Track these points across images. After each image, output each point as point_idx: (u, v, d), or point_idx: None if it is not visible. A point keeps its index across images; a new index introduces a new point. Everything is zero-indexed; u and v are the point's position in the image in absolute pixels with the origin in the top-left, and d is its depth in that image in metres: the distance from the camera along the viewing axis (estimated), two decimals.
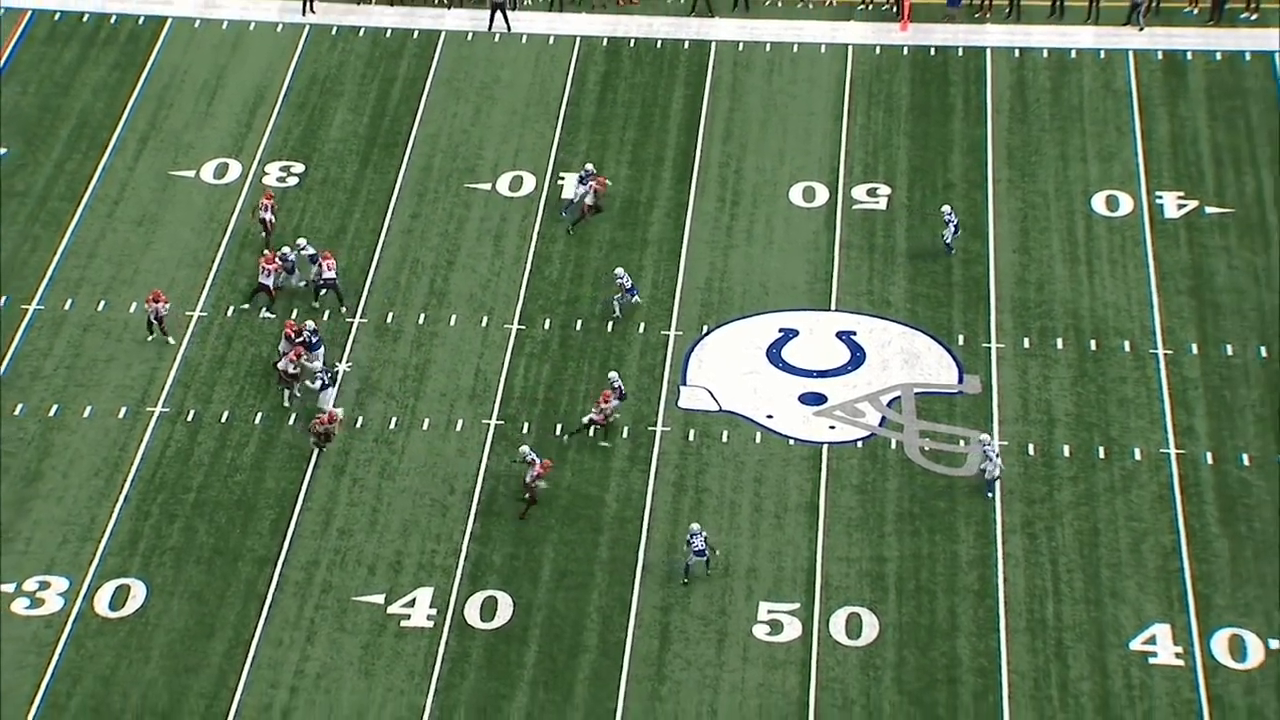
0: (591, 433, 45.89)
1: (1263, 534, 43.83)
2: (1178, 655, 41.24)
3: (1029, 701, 40.38)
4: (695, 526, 42.32)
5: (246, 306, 49.45)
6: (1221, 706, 40.20)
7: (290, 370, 46.69)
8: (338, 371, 47.70)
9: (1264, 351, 48.44)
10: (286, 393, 46.92)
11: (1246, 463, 45.55)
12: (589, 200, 52.15)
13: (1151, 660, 41.19)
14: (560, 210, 53.00)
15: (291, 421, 46.61)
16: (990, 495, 44.65)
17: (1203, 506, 44.51)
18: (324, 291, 49.54)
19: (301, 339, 47.12)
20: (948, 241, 51.01)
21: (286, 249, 49.94)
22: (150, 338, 48.49)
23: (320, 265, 49.46)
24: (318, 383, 46.58)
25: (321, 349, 47.54)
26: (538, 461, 43.73)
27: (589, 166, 53.22)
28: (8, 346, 48.71)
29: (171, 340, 48.45)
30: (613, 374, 46.34)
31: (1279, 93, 56.76)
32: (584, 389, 47.63)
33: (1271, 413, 46.78)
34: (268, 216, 51.27)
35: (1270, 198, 53.09)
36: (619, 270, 49.46)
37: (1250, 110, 56.21)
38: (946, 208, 51.32)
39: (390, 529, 44.18)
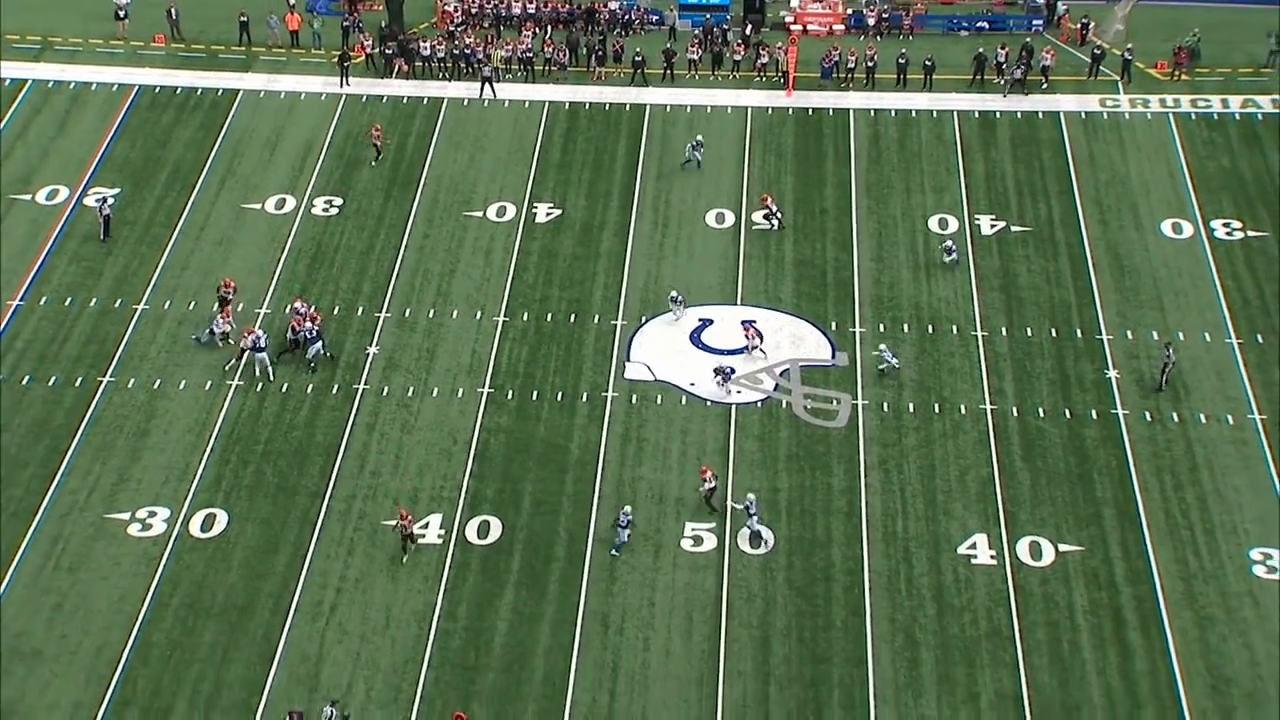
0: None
1: (1053, 467, 44.06)
2: (992, 557, 41.44)
3: (884, 593, 40.51)
4: (751, 496, 41.95)
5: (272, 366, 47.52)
6: (1024, 594, 40.45)
7: (290, 337, 46.79)
8: (330, 356, 46.95)
9: (1054, 333, 48.63)
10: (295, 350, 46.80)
11: (1042, 415, 45.76)
12: (778, 215, 52.52)
13: (974, 561, 41.39)
14: (681, 164, 55.08)
15: (334, 390, 46.25)
16: (891, 378, 45.65)
17: (1010, 447, 44.70)
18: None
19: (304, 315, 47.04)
20: (949, 260, 50.44)
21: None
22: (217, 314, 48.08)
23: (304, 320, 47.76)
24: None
25: (319, 344, 46.84)
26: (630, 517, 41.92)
27: (699, 138, 55.59)
28: (122, 337, 48.23)
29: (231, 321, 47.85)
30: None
31: (1064, 141, 56.94)
32: (554, 365, 47.42)
33: (1059, 378, 46.99)
34: (379, 143, 54.78)
35: (1058, 219, 53.25)
36: (674, 292, 48.88)
37: (1043, 155, 56.36)
38: (949, 242, 50.82)
39: (409, 470, 43.96)
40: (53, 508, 42.72)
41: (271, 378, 46.43)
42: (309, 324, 47.04)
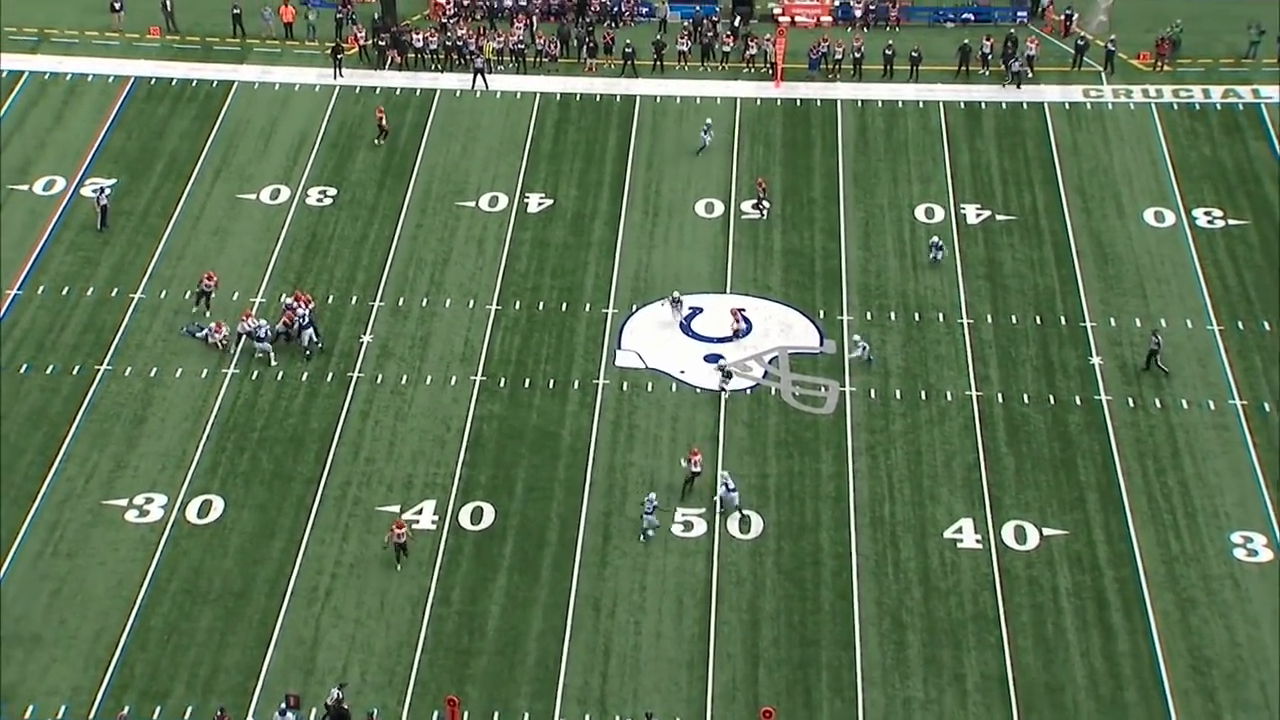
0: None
1: (1037, 453, 44.10)
2: (978, 541, 41.50)
3: (872, 577, 40.55)
4: (724, 473, 42.05)
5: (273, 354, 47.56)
6: (1010, 577, 40.50)
7: (282, 330, 46.68)
8: (319, 346, 46.83)
9: (1038, 320, 48.66)
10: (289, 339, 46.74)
11: (1026, 401, 45.79)
12: (767, 204, 52.57)
13: (960, 545, 41.44)
14: (698, 149, 55.14)
15: (328, 379, 46.19)
16: (870, 365, 45.90)
17: (995, 433, 44.73)
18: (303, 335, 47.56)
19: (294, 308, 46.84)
20: (936, 257, 50.25)
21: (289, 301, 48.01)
22: (195, 309, 47.94)
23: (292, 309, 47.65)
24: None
25: (310, 329, 46.81)
26: (654, 502, 41.59)
27: (709, 120, 55.51)
28: (119, 326, 48.11)
29: (209, 312, 47.63)
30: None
31: (1048, 131, 56.94)
32: (545, 354, 47.39)
33: (1044, 364, 47.01)
34: (384, 123, 55.31)
35: (1042, 208, 53.26)
36: (676, 294, 48.54)
37: (1028, 144, 56.35)
38: (935, 238, 50.65)
39: (403, 457, 43.91)
40: (51, 494, 42.63)
41: (272, 362, 46.28)
42: (301, 307, 46.84)
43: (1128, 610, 39.67)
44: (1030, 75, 59.34)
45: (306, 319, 46.83)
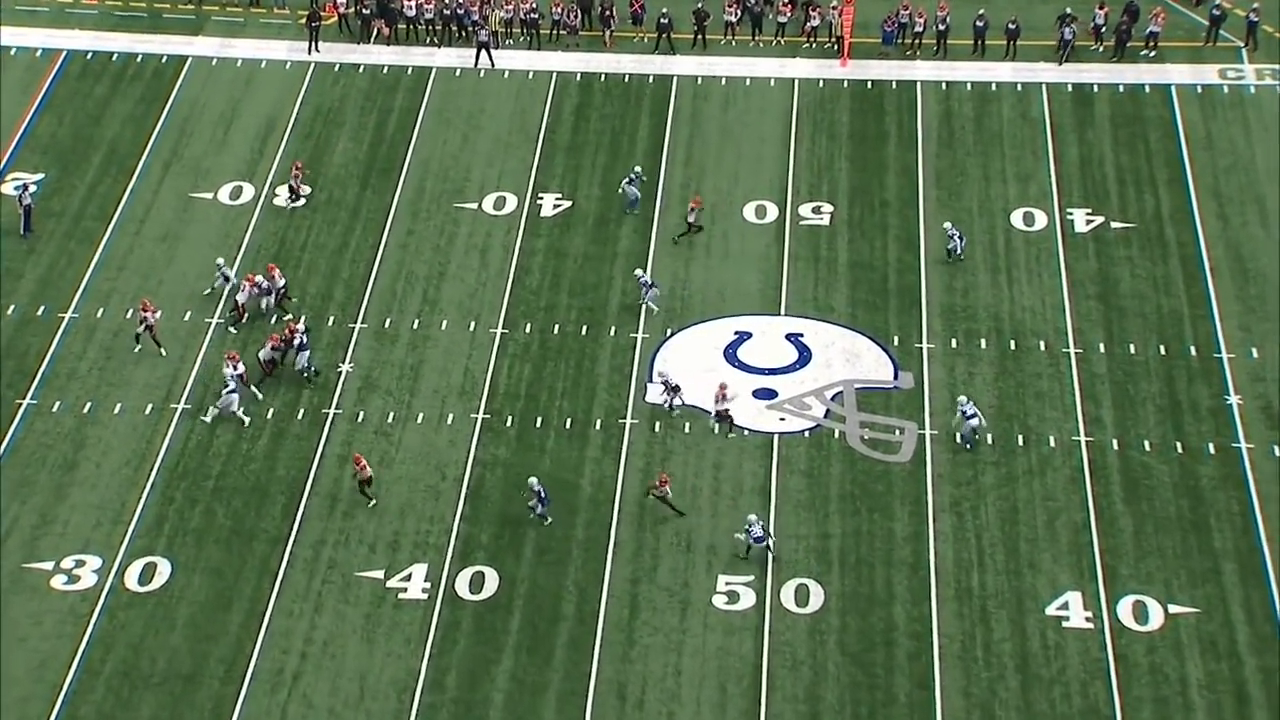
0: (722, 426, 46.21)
1: (1162, 511, 43.98)
2: (1088, 619, 41.36)
3: (957, 662, 40.45)
4: (751, 517, 42.29)
5: (220, 320, 49.13)
6: (1126, 664, 40.33)
7: (265, 357, 46.96)
8: (318, 373, 47.35)
9: (1162, 350, 48.60)
10: (266, 378, 47.16)
11: (1148, 448, 45.69)
12: (690, 219, 52.16)
13: (1065, 624, 41.30)
14: (624, 208, 53.51)
15: (300, 415, 46.48)
16: (970, 448, 45.09)
17: (1109, 487, 44.64)
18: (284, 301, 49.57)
19: (292, 341, 47.13)
20: (956, 252, 50.94)
21: (260, 278, 49.47)
22: (137, 349, 48.23)
23: (248, 287, 49.14)
24: (230, 384, 46.21)
25: (308, 352, 47.27)
26: (543, 494, 43.01)
27: (638, 169, 53.93)
28: (46, 351, 48.51)
29: (164, 351, 48.10)
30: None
31: (1175, 120, 56.98)
32: (561, 387, 47.58)
33: (1169, 404, 46.93)
34: (297, 185, 52.88)
35: (1167, 214, 53.28)
36: (638, 270, 49.36)
37: (1149, 136, 56.42)
38: (948, 224, 51.28)
39: (389, 511, 44.08)
40: None
41: (243, 417, 46.54)
42: (299, 330, 47.32)
43: (1274, 707, 39.47)
44: (1150, 53, 59.36)
45: (304, 339, 47.11)
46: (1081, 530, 43.49)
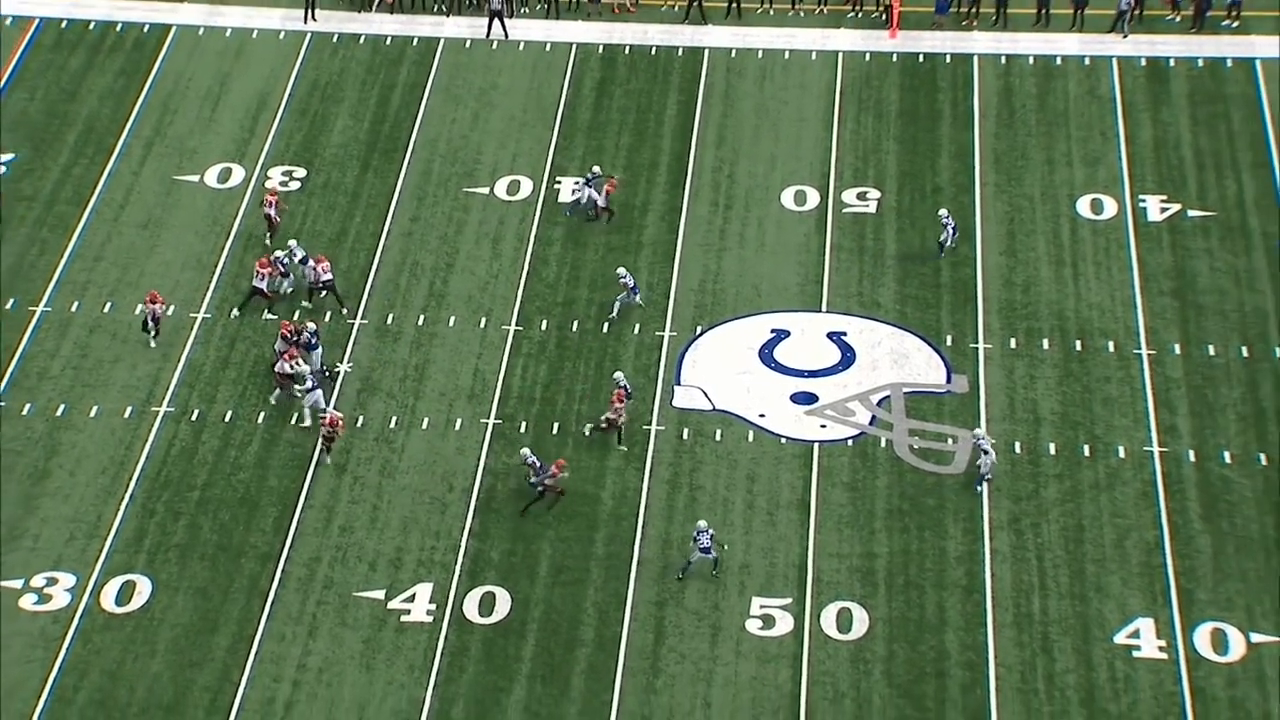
0: (617, 438, 45.89)
1: (1244, 530, 43.89)
2: (1161, 649, 41.30)
3: (1016, 694, 40.42)
4: (702, 523, 42.33)
5: (237, 312, 49.42)
6: (1204, 699, 40.25)
7: (286, 370, 46.69)
8: (338, 371, 47.72)
9: (1245, 351, 48.50)
10: (278, 392, 46.89)
11: (1229, 460, 45.60)
12: (600, 202, 52.13)
13: (1135, 654, 41.25)
14: (564, 211, 53.03)
15: (293, 420, 46.61)
16: (979, 489, 44.69)
17: (1185, 503, 44.56)
18: (323, 293, 49.56)
19: (299, 340, 47.22)
20: (947, 244, 51.02)
21: (279, 253, 50.04)
22: (151, 338, 48.46)
23: (315, 268, 49.42)
24: (308, 383, 46.46)
25: (319, 350, 47.56)
26: (538, 463, 43.72)
27: (595, 169, 53.31)
28: (16, 348, 48.71)
29: (154, 344, 48.32)
30: (618, 374, 46.32)
31: (1260, 98, 56.85)
32: (580, 389, 47.65)
33: (1253, 411, 46.84)
34: (271, 213, 51.43)
35: (1251, 201, 53.16)
36: (621, 270, 49.49)
37: (1232, 115, 56.30)
38: (943, 211, 51.44)
39: (390, 526, 44.20)
40: None
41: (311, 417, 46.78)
42: (309, 327, 47.52)
43: None
44: (1235, 23, 59.23)
45: (312, 339, 47.32)
46: (1154, 551, 43.43)
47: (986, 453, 44.54)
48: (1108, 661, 41.05)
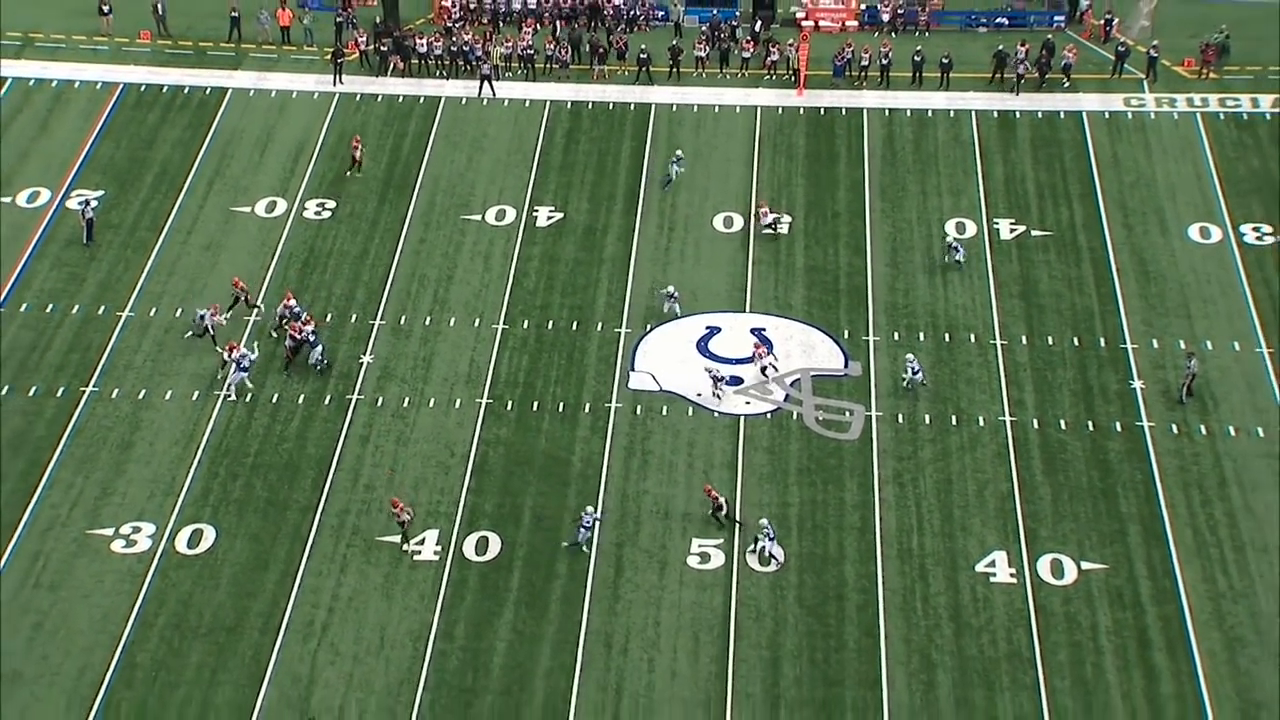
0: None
1: (1075, 482, 44.06)
2: (1012, 575, 41.43)
3: (899, 613, 40.50)
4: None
5: (274, 333, 48.66)
6: (1045, 614, 40.42)
7: (289, 344, 46.86)
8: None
9: (1076, 341, 48.65)
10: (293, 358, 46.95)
11: (1063, 427, 45.76)
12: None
13: (992, 579, 41.38)
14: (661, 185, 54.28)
15: (326, 402, 46.38)
16: (909, 390, 45.86)
17: (1030, 461, 44.70)
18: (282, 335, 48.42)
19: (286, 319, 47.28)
20: (960, 264, 50.85)
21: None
22: (212, 335, 47.85)
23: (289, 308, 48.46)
24: (245, 362, 46.09)
25: (319, 347, 47.10)
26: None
27: (679, 152, 54.89)
28: (106, 345, 48.34)
29: (219, 349, 47.65)
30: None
31: (1086, 142, 57.02)
32: (555, 375, 47.50)
33: (1082, 388, 47.00)
34: (358, 155, 54.38)
35: (1080, 223, 53.31)
36: (670, 287, 49.32)
37: (1064, 156, 56.43)
38: (953, 240, 51.22)
39: (404, 484, 44.00)
40: (33, 523, 42.77)
41: (246, 398, 46.19)
42: (308, 328, 47.12)
43: (1172, 650, 39.56)
44: (1065, 83, 59.45)
45: (313, 336, 46.98)
46: (1006, 498, 43.55)
47: (917, 372, 45.47)
48: (971, 586, 41.16)
